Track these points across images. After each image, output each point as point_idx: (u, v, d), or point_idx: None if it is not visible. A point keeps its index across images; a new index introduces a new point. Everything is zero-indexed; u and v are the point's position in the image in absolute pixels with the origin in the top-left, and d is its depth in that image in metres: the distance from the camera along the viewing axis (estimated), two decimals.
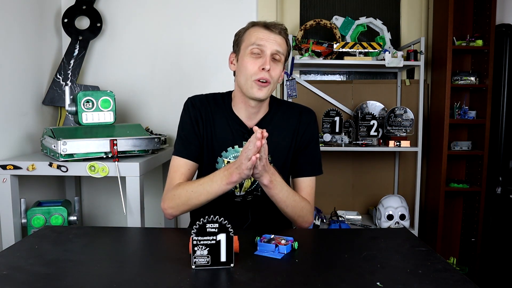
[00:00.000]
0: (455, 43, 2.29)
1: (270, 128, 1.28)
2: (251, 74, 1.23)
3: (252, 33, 1.26)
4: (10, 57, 1.79)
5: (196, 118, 1.33)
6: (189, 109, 1.34)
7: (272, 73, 1.23)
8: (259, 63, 1.23)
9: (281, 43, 1.25)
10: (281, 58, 1.26)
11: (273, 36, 1.24)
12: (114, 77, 2.31)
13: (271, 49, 1.23)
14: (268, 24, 1.25)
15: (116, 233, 1.23)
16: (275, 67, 1.25)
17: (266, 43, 1.23)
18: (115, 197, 2.25)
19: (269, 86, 1.24)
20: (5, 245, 1.59)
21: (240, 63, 1.27)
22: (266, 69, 1.21)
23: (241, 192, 1.34)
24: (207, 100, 1.36)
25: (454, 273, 0.89)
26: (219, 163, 1.33)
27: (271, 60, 1.23)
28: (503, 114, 2.36)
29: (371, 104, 2.48)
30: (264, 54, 1.23)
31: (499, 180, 2.36)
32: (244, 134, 1.33)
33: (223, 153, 1.33)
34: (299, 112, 1.38)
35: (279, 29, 1.26)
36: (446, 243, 2.53)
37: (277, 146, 1.33)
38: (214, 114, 1.34)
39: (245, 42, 1.27)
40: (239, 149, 1.32)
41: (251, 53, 1.24)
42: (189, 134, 1.33)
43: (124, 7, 2.30)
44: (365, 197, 2.60)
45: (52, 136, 1.62)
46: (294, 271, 0.90)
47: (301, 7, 2.56)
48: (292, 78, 2.19)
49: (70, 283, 0.84)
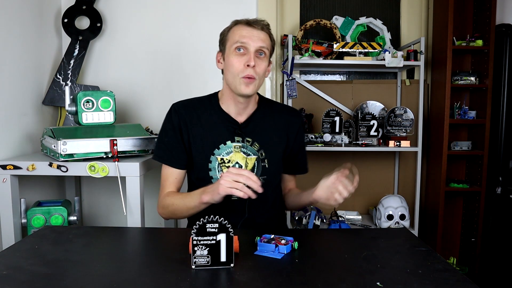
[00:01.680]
0: (455, 43, 2.29)
1: (261, 124, 1.38)
2: (237, 72, 1.27)
3: (235, 31, 1.30)
4: (10, 57, 1.79)
5: (179, 125, 1.36)
6: (171, 116, 1.37)
7: (257, 69, 1.27)
8: (244, 60, 1.27)
9: (264, 39, 1.29)
10: (266, 53, 1.30)
11: (256, 33, 1.28)
12: (114, 77, 2.31)
13: (255, 45, 1.27)
14: (250, 21, 1.29)
15: (116, 233, 1.23)
16: (260, 62, 1.28)
17: (249, 40, 1.27)
18: (115, 197, 2.25)
19: (255, 81, 1.28)
20: (5, 245, 1.59)
21: (227, 61, 1.31)
22: (251, 65, 1.25)
23: None
24: (191, 104, 1.40)
25: (454, 273, 0.89)
26: (212, 161, 1.34)
27: (255, 57, 1.27)
28: (503, 114, 2.36)
29: (371, 104, 2.48)
30: (248, 51, 1.27)
31: (499, 180, 2.36)
32: (236, 129, 1.36)
33: (216, 151, 1.35)
34: (289, 113, 1.46)
35: (261, 25, 1.29)
36: (446, 243, 2.53)
37: (270, 143, 1.38)
38: (201, 115, 1.37)
39: (229, 40, 1.30)
40: (231, 144, 1.34)
41: (235, 51, 1.28)
42: (172, 141, 1.36)
43: (124, 7, 2.30)
44: (365, 197, 2.60)
45: (52, 136, 1.62)
46: (294, 271, 0.90)
47: (301, 7, 2.56)
48: (292, 78, 2.19)
49: (70, 283, 0.84)
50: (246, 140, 1.35)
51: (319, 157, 2.43)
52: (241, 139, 1.35)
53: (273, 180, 1.40)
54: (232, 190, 1.10)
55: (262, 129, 1.38)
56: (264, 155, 1.36)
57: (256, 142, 1.36)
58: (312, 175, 2.51)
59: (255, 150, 1.36)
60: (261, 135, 1.37)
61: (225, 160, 1.34)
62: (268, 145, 1.37)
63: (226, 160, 1.34)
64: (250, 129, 1.37)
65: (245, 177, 1.10)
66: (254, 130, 1.37)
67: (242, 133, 1.35)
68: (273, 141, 1.39)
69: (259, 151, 1.36)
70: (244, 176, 1.10)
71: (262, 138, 1.37)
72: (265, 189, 1.34)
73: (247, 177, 1.10)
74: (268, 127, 1.39)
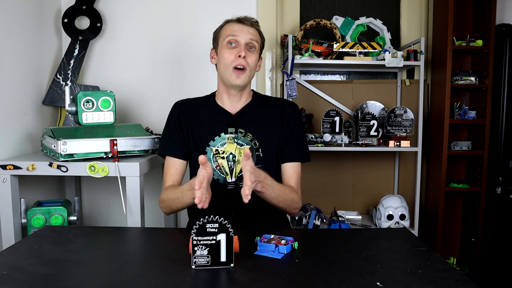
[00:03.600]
0: (455, 43, 2.29)
1: (254, 115, 1.43)
2: (229, 63, 1.36)
3: (227, 28, 1.41)
4: (10, 57, 1.79)
5: (179, 118, 1.45)
6: (173, 111, 1.49)
7: (248, 60, 1.37)
8: (235, 52, 1.36)
9: (254, 33, 1.40)
10: (256, 46, 1.40)
11: (246, 28, 1.39)
12: (114, 77, 2.31)
13: (245, 38, 1.37)
14: (240, 18, 1.41)
15: (116, 233, 1.23)
16: (250, 55, 1.38)
17: (240, 33, 1.37)
18: (115, 197, 2.25)
19: (246, 72, 1.37)
20: (5, 245, 1.59)
21: (219, 55, 1.41)
22: (242, 55, 1.35)
23: (233, 179, 1.40)
24: (192, 101, 1.50)
25: (454, 273, 0.89)
26: (208, 152, 1.42)
27: (246, 49, 1.37)
28: (503, 114, 2.35)
29: (371, 104, 2.48)
30: (239, 43, 1.37)
31: (499, 180, 2.36)
32: (229, 121, 1.43)
33: (211, 143, 1.42)
34: (282, 103, 1.50)
35: (251, 22, 1.41)
36: (446, 243, 2.53)
37: (264, 132, 1.43)
38: (199, 110, 1.46)
39: (222, 36, 1.41)
40: (225, 136, 1.42)
41: (227, 45, 1.38)
42: (174, 134, 1.45)
43: (124, 7, 2.30)
44: (365, 197, 2.60)
45: (52, 136, 1.62)
46: (294, 271, 0.90)
47: (301, 7, 2.56)
48: (292, 78, 2.19)
49: (70, 283, 0.84)
50: (239, 131, 1.42)
51: (319, 157, 2.43)
52: (234, 130, 1.42)
53: (268, 169, 1.37)
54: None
55: (255, 120, 1.44)
56: (258, 144, 1.42)
57: (249, 132, 1.42)
58: (312, 175, 2.54)
59: (248, 140, 1.42)
60: (254, 126, 1.43)
61: (220, 151, 1.41)
62: (262, 134, 1.43)
63: (220, 151, 1.41)
64: (243, 120, 1.43)
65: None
66: (246, 121, 1.43)
67: (235, 124, 1.42)
68: (267, 130, 1.44)
69: (252, 141, 1.42)
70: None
71: (255, 129, 1.43)
72: None
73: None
74: (261, 117, 1.45)
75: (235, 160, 1.41)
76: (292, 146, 1.46)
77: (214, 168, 1.40)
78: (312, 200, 2.39)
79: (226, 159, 1.41)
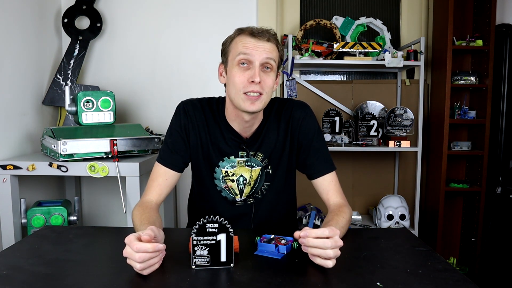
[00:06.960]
0: (455, 43, 2.29)
1: (267, 134, 1.28)
2: (240, 88, 1.14)
3: (238, 42, 1.16)
4: (10, 57, 1.79)
5: (186, 126, 1.26)
6: (180, 115, 1.27)
7: (264, 84, 1.15)
8: (248, 75, 1.14)
9: (271, 50, 1.15)
10: (273, 66, 1.17)
11: (262, 44, 1.14)
12: (114, 77, 2.32)
13: (260, 59, 1.13)
14: (254, 32, 1.15)
15: (116, 233, 1.23)
16: (266, 77, 1.15)
17: (254, 52, 1.13)
18: (115, 197, 2.25)
19: (262, 98, 1.16)
20: (5, 245, 1.59)
21: (229, 76, 1.18)
22: (256, 81, 1.12)
23: (242, 197, 1.32)
24: (201, 105, 1.29)
25: (454, 273, 0.89)
26: (217, 173, 1.29)
27: (261, 70, 1.14)
28: (503, 114, 2.36)
29: (371, 104, 2.48)
30: (253, 65, 1.14)
31: (499, 180, 2.36)
32: (241, 145, 1.27)
33: (220, 163, 1.28)
34: (290, 108, 1.30)
35: (267, 36, 1.15)
36: (446, 243, 2.53)
37: (273, 148, 1.29)
38: (208, 120, 1.28)
39: (232, 52, 1.17)
40: (235, 159, 1.28)
41: (238, 64, 1.15)
42: (176, 143, 1.27)
43: (124, 7, 2.30)
44: (365, 197, 2.60)
45: (52, 136, 1.62)
46: (294, 271, 0.90)
47: (301, 7, 2.56)
48: (292, 78, 2.19)
49: (70, 283, 0.84)
50: (250, 154, 1.28)
51: None
52: (246, 154, 1.28)
53: (277, 185, 1.33)
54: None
55: (267, 138, 1.29)
56: (268, 162, 1.30)
57: (260, 152, 1.29)
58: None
59: (259, 161, 1.29)
60: (265, 145, 1.29)
61: (229, 173, 1.29)
62: (272, 151, 1.29)
63: (230, 173, 1.28)
64: (255, 143, 1.29)
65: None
66: (259, 144, 1.29)
67: (246, 149, 1.28)
68: (277, 145, 1.30)
69: (263, 160, 1.29)
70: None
71: (265, 148, 1.29)
72: (268, 194, 1.32)
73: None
74: (271, 134, 1.29)
75: (245, 183, 1.30)
76: (317, 159, 1.29)
77: (223, 188, 1.30)
78: (312, 200, 2.39)
79: (236, 181, 1.29)
